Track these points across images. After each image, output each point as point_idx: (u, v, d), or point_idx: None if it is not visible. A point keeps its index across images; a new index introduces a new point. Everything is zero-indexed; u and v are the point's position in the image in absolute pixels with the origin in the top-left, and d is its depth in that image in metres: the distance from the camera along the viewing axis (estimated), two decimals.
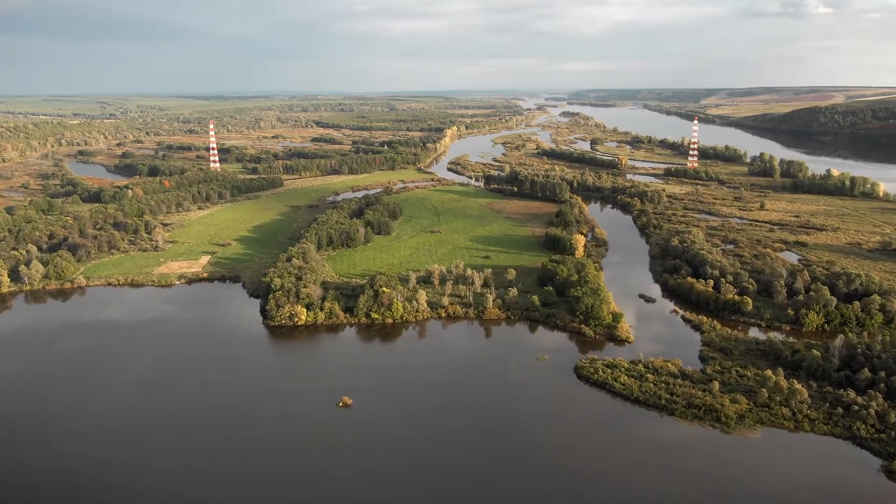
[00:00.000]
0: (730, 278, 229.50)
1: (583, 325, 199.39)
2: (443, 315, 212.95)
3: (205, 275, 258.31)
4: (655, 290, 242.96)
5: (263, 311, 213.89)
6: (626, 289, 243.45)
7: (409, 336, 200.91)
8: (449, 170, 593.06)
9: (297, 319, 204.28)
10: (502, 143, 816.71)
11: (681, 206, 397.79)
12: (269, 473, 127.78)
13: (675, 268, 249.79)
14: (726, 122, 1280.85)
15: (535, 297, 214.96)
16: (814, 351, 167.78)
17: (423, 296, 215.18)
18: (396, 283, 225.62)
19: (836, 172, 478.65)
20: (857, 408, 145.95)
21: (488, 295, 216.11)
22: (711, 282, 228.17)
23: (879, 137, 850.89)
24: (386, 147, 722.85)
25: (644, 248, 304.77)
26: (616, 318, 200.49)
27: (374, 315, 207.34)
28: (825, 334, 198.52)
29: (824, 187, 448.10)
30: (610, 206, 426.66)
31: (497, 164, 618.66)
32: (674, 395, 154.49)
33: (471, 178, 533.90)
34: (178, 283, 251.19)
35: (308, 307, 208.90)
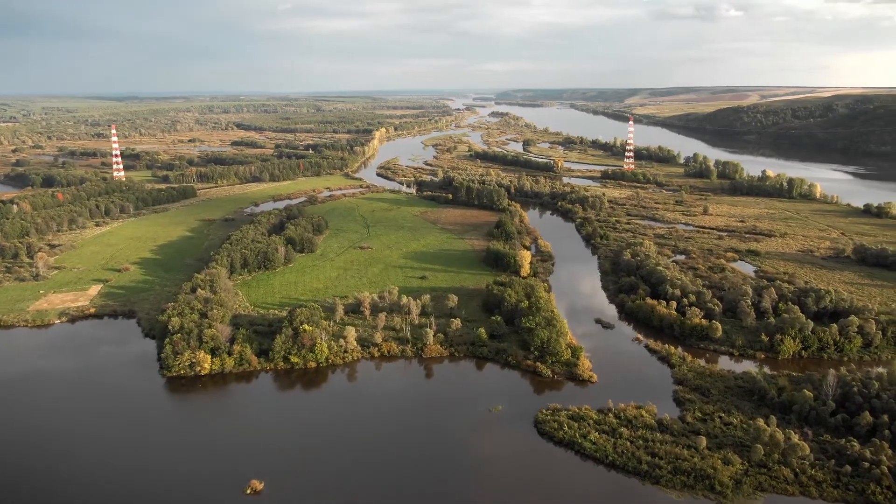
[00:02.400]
0: (692, 298, 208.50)
1: (538, 363, 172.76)
2: (376, 354, 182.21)
3: (92, 310, 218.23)
4: (611, 312, 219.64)
5: (161, 358, 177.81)
6: (580, 312, 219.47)
7: (335, 385, 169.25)
8: (378, 175, 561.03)
9: (199, 369, 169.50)
10: (433, 146, 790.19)
11: (623, 212, 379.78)
12: None
13: (631, 287, 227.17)
14: (653, 121, 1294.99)
15: (482, 330, 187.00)
16: (805, 391, 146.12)
17: (352, 332, 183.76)
18: (320, 316, 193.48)
19: (771, 173, 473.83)
20: (866, 464, 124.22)
21: (428, 330, 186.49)
22: (674, 303, 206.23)
23: (801, 137, 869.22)
24: (311, 151, 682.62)
25: (592, 261, 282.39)
26: (575, 352, 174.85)
27: (293, 359, 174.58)
28: (802, 361, 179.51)
29: (762, 189, 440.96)
30: (550, 212, 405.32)
31: (429, 167, 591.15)
32: (656, 457, 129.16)
33: (402, 183, 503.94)
34: (58, 321, 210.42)
35: (213, 352, 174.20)
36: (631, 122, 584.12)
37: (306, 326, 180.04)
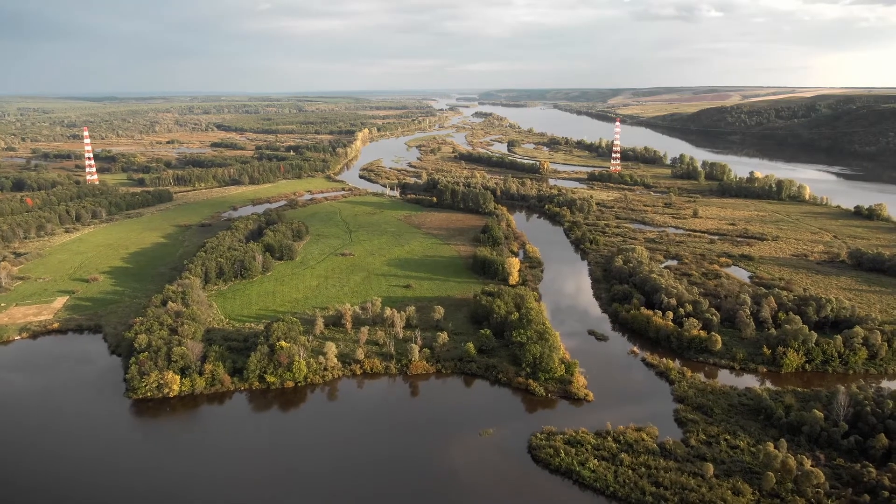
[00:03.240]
0: (689, 308, 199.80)
1: (530, 381, 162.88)
2: (358, 372, 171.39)
3: (56, 325, 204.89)
4: (604, 323, 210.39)
5: (127, 378, 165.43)
6: (572, 322, 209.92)
7: (314, 406, 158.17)
8: (361, 177, 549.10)
9: (167, 390, 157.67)
10: (417, 147, 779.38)
11: (612, 215, 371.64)
12: None
13: (624, 295, 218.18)
14: (637, 121, 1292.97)
15: (470, 345, 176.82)
16: (815, 411, 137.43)
17: (332, 349, 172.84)
18: (299, 331, 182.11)
19: (759, 175, 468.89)
20: (885, 493, 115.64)
21: (413, 345, 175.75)
22: (670, 314, 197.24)
23: (786, 137, 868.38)
24: (292, 153, 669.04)
25: (582, 268, 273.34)
26: (569, 368, 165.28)
27: (269, 378, 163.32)
28: (806, 375, 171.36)
29: (751, 190, 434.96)
30: (537, 215, 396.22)
31: (413, 169, 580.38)
32: (660, 487, 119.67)
33: (385, 186, 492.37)
34: (18, 337, 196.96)
35: (183, 372, 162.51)
36: (617, 123, 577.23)
37: (283, 343, 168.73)
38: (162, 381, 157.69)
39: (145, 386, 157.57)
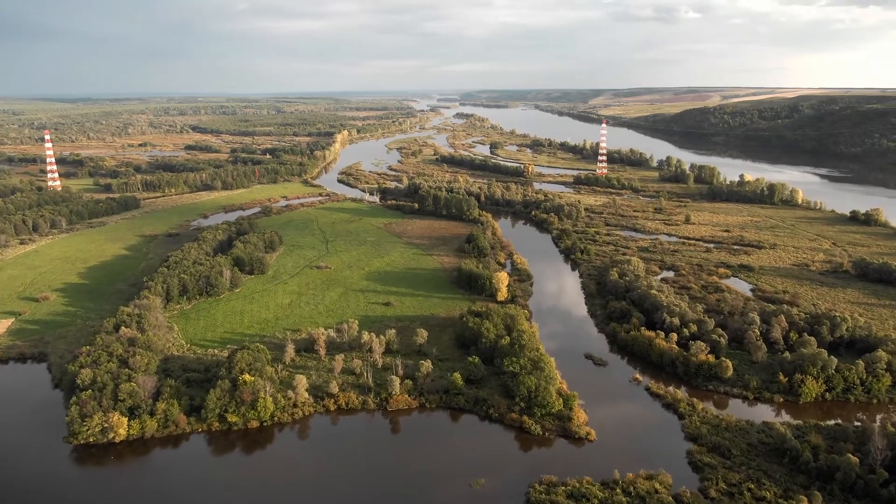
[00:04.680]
0: (693, 328, 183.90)
1: (525, 417, 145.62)
2: (332, 408, 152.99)
3: None
4: (601, 344, 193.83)
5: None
6: (567, 344, 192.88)
7: (281, 448, 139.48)
8: (340, 181, 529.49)
9: (113, 435, 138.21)
10: (397, 149, 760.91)
11: (602, 222, 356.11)
12: None
13: (622, 314, 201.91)
14: (619, 122, 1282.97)
15: (457, 375, 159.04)
16: (849, 456, 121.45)
17: (302, 382, 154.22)
18: (266, 360, 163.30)
19: (749, 177, 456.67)
20: None
21: (394, 377, 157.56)
22: (674, 335, 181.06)
23: (770, 138, 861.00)
24: (268, 156, 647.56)
25: (574, 280, 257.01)
26: (567, 402, 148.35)
27: (231, 417, 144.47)
28: (826, 405, 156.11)
29: (742, 195, 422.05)
30: (523, 222, 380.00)
31: (393, 173, 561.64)
32: None
33: (365, 191, 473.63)
34: None
35: (132, 412, 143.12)
36: (604, 125, 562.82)
37: (247, 377, 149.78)
38: (107, 424, 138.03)
39: (87, 430, 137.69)
